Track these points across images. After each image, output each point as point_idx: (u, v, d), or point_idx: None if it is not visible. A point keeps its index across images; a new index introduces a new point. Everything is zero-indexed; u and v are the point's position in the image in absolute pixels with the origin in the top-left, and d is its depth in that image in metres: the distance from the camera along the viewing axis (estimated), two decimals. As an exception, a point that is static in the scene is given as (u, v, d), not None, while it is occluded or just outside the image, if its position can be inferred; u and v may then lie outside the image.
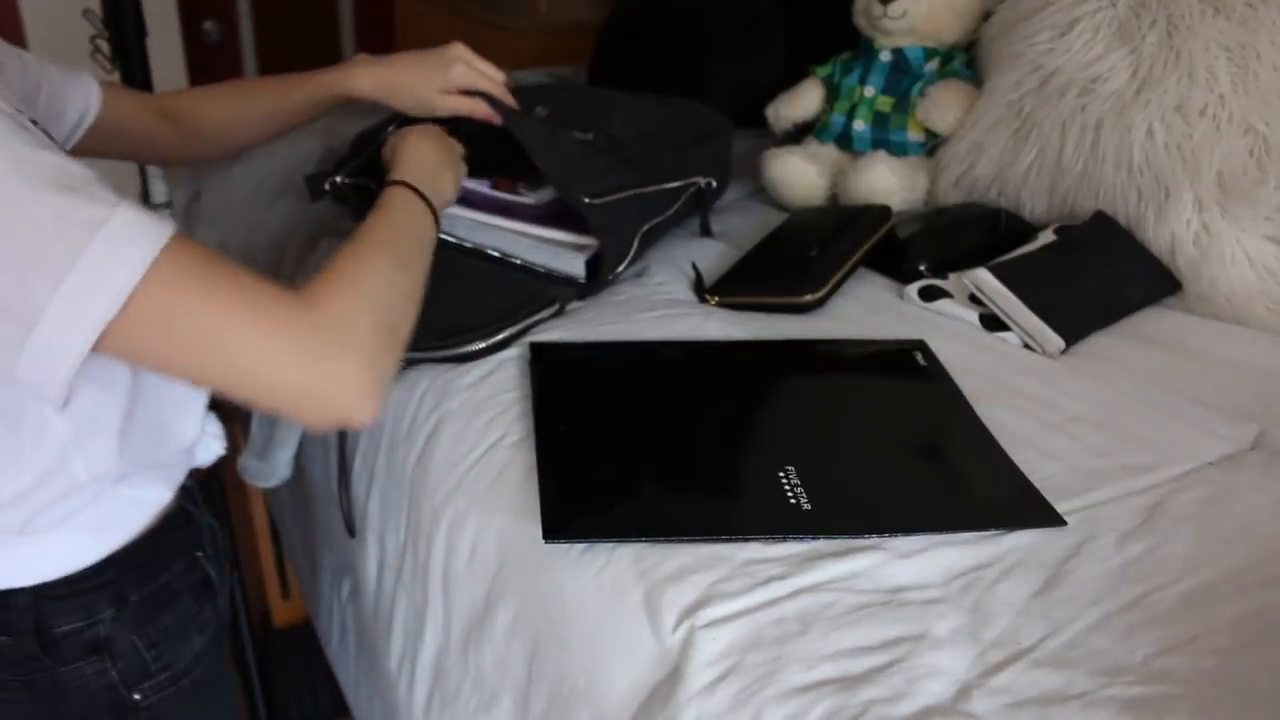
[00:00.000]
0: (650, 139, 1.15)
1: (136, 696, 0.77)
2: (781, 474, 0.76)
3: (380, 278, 0.69)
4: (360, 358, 0.62)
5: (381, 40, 2.87)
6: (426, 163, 0.91)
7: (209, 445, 0.84)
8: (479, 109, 1.03)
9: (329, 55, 2.94)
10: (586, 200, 1.01)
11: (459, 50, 1.04)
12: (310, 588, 1.28)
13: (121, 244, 0.55)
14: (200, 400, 0.80)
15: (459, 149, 1.00)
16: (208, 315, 0.58)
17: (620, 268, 1.07)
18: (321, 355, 0.60)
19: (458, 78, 1.02)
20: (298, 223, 1.33)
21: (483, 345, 0.95)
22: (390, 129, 1.06)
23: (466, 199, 1.08)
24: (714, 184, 1.18)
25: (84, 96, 0.90)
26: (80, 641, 0.74)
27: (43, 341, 0.55)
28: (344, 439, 1.00)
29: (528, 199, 1.10)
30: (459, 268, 1.04)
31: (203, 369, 0.60)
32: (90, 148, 0.91)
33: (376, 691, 1.02)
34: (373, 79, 1.03)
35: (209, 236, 1.48)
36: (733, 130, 1.29)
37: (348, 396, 0.61)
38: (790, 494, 0.74)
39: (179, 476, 0.81)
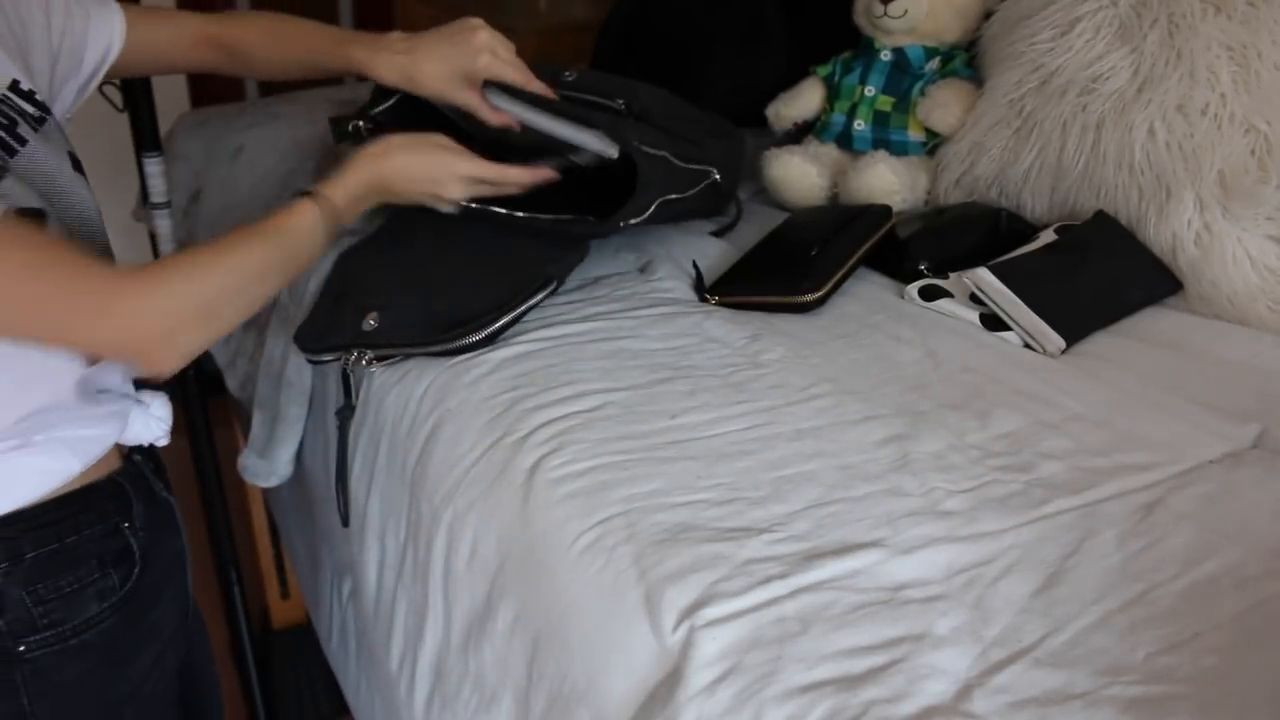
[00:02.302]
0: (675, 120, 1.14)
1: (21, 648, 0.78)
2: None
3: (222, 282, 0.78)
4: (170, 333, 0.73)
5: (381, 40, 2.86)
6: (382, 187, 0.93)
7: (149, 424, 0.85)
8: (500, 119, 1.03)
9: (329, 55, 2.94)
10: (636, 142, 1.01)
11: (484, 38, 1.02)
12: (310, 588, 1.28)
13: None
14: (66, 370, 0.80)
15: (451, 168, 0.98)
16: (18, 285, 0.66)
17: (634, 220, 1.05)
18: (123, 323, 0.71)
19: (481, 70, 1.01)
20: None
21: (480, 336, 0.95)
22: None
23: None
24: (726, 180, 1.17)
25: (107, 34, 0.91)
26: None
27: None
28: (344, 432, 1.00)
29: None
30: (463, 250, 1.04)
31: (20, 333, 0.70)
32: (126, 71, 0.97)
33: (376, 692, 1.02)
34: (396, 69, 1.02)
35: (209, 236, 1.48)
36: (746, 143, 1.29)
37: (148, 360, 0.73)
38: None
39: (95, 450, 0.81)
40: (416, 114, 1.10)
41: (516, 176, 1.00)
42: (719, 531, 0.73)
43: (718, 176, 1.15)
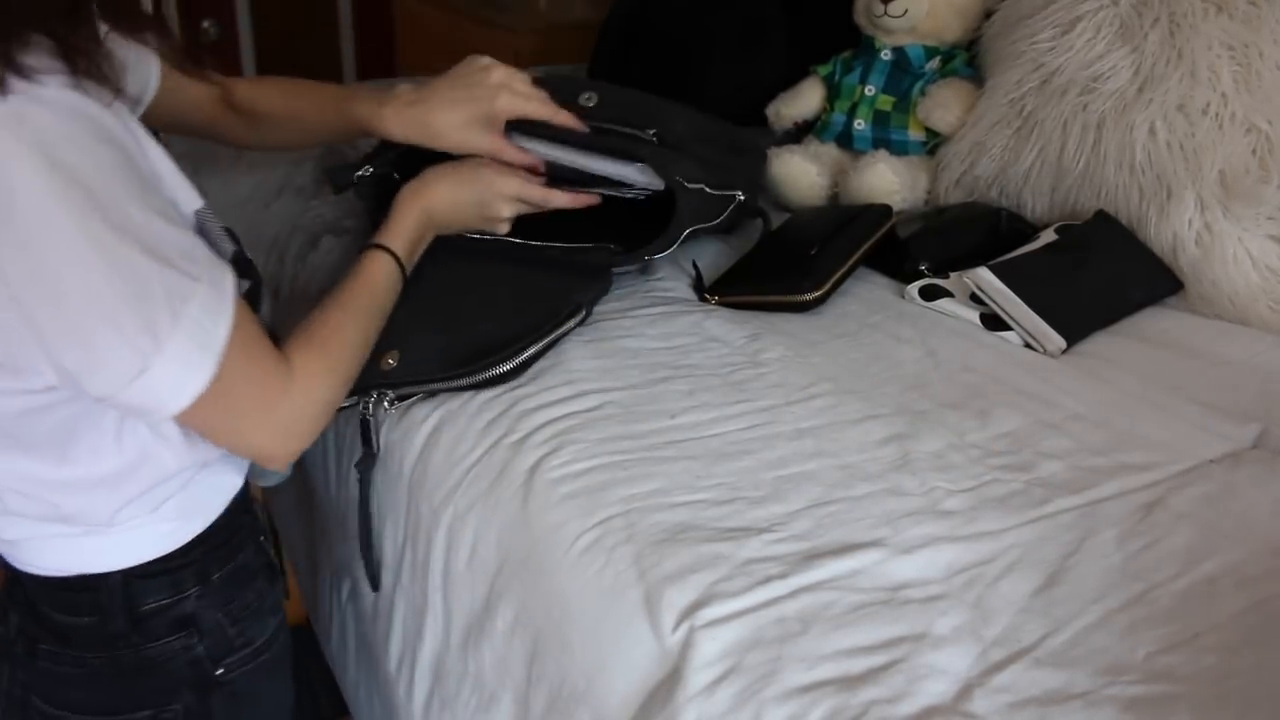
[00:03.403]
0: (707, 143, 1.11)
1: (219, 671, 0.78)
2: None
3: (349, 346, 0.79)
4: (314, 428, 0.73)
5: (381, 39, 2.86)
6: (433, 222, 0.93)
7: None
8: (526, 160, 0.97)
9: (328, 54, 2.94)
10: (679, 177, 0.99)
11: (499, 75, 0.95)
12: (309, 588, 1.28)
13: (218, 298, 0.64)
14: None
15: (496, 187, 0.95)
16: (235, 386, 0.66)
17: (659, 254, 1.02)
18: (288, 433, 0.71)
19: (503, 109, 0.94)
20: (298, 222, 1.33)
21: (510, 367, 0.91)
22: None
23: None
24: (751, 199, 1.15)
25: (144, 77, 0.86)
26: (168, 618, 0.76)
27: (158, 380, 0.62)
28: (366, 486, 0.94)
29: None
30: (478, 283, 1.00)
31: (193, 419, 0.67)
32: (153, 122, 0.88)
33: (376, 692, 1.02)
34: (405, 123, 0.94)
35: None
36: (765, 154, 1.28)
37: (277, 457, 0.73)
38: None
39: (244, 462, 0.82)
40: (423, 155, 1.04)
41: (560, 200, 0.98)
42: (719, 531, 0.73)
43: (743, 197, 1.12)
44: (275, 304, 1.27)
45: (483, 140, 0.95)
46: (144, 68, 0.85)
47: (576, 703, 0.69)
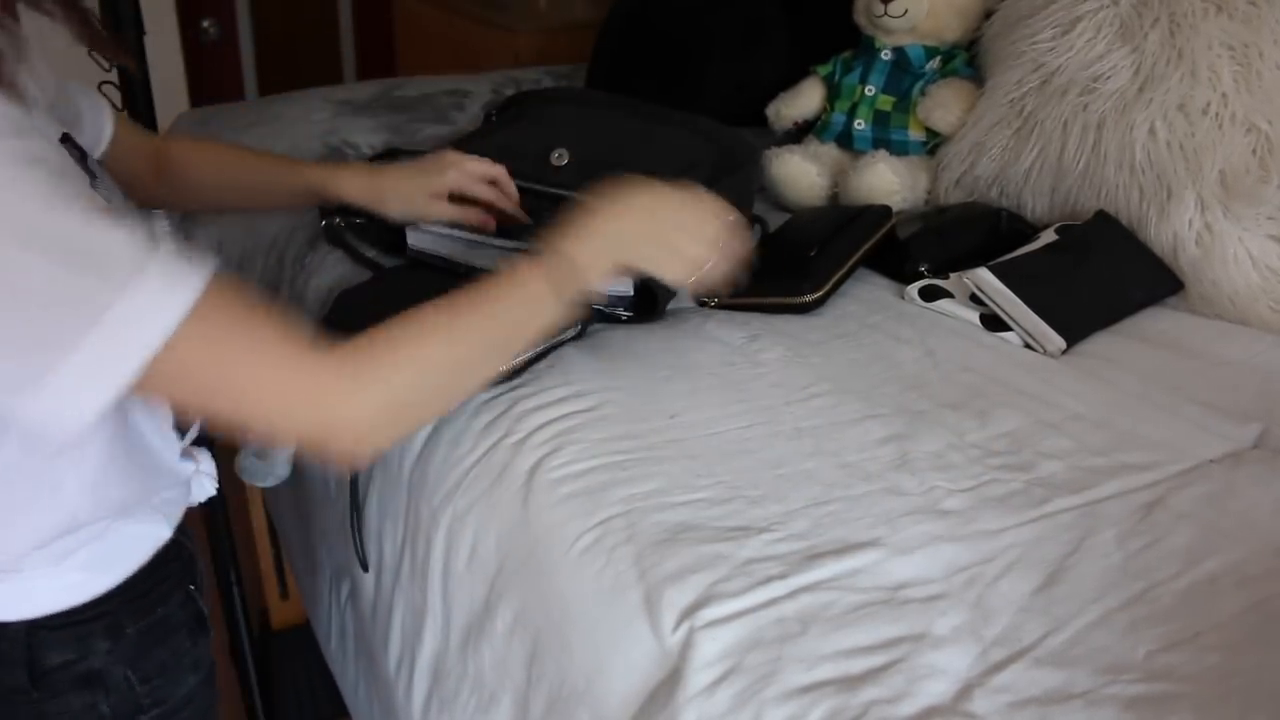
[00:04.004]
0: (687, 173, 1.11)
1: None
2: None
3: (437, 370, 0.68)
4: (381, 426, 0.65)
5: (381, 39, 2.87)
6: (615, 246, 0.77)
7: (202, 483, 0.82)
8: (470, 215, 1.00)
9: (328, 55, 2.94)
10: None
11: (453, 155, 1.01)
12: (309, 589, 1.27)
13: (148, 306, 0.55)
14: (173, 440, 0.77)
15: (705, 214, 0.82)
16: (228, 369, 0.60)
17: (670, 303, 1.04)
18: (335, 411, 0.63)
19: (449, 182, 0.99)
20: (298, 223, 1.32)
21: (505, 370, 0.91)
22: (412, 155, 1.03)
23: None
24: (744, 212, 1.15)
25: (99, 124, 0.83)
26: (72, 674, 0.71)
27: (54, 395, 0.55)
28: (355, 476, 0.95)
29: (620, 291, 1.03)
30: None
31: (215, 413, 0.62)
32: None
33: (375, 693, 1.02)
34: (358, 185, 0.99)
35: (208, 237, 1.48)
36: (759, 157, 1.27)
37: (344, 450, 0.65)
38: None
39: (177, 512, 0.78)
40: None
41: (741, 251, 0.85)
42: (719, 531, 0.73)
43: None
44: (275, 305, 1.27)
45: (430, 208, 0.99)
46: (98, 120, 0.82)
47: (576, 703, 0.69)
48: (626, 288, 1.00)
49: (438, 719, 0.85)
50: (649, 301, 1.01)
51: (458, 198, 1.00)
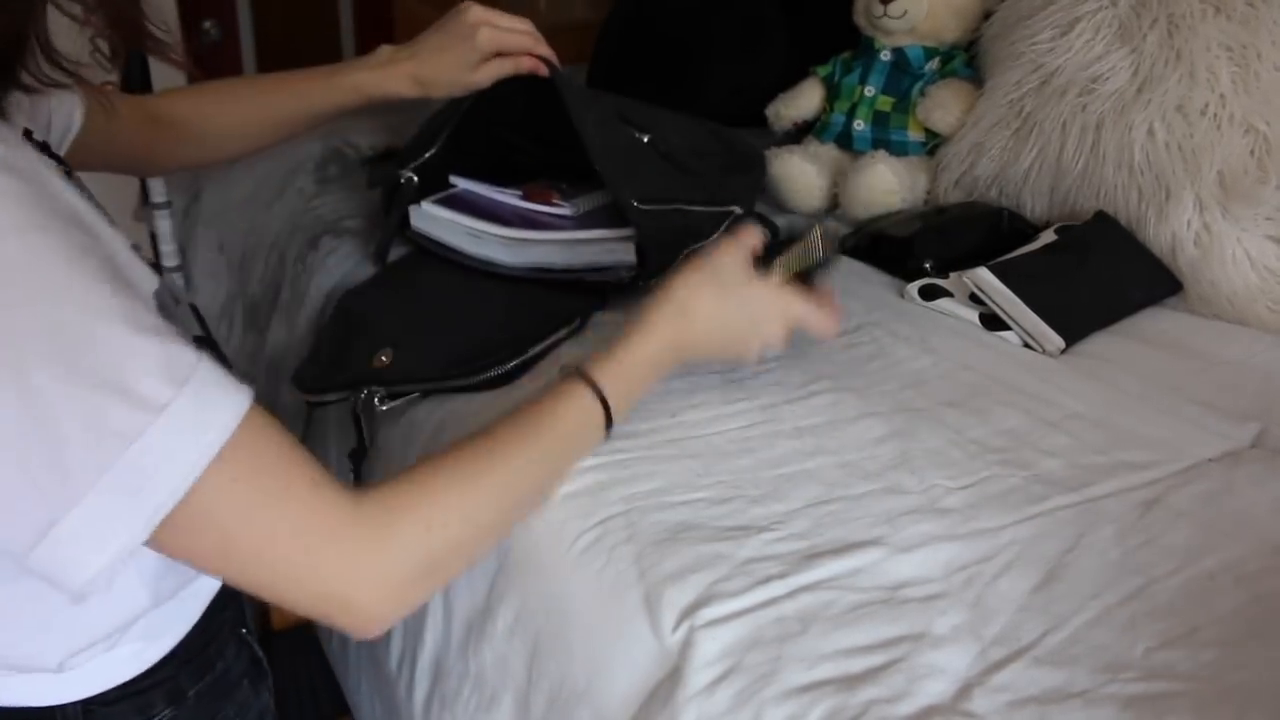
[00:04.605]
0: (702, 157, 1.10)
1: None
2: None
3: (482, 524, 0.62)
4: (394, 598, 0.58)
5: (381, 40, 2.86)
6: (680, 356, 0.73)
7: None
8: (523, 64, 0.97)
9: (329, 55, 2.93)
10: (635, 203, 0.95)
11: (476, 13, 0.96)
12: (310, 588, 1.28)
13: (176, 444, 0.48)
14: None
15: (778, 308, 0.77)
16: (252, 515, 0.52)
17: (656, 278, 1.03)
18: (356, 575, 0.56)
19: (484, 44, 0.95)
20: (298, 223, 1.33)
21: (502, 371, 0.90)
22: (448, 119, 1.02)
23: (495, 214, 1.03)
24: (746, 214, 1.15)
25: (68, 110, 0.77)
26: None
27: (67, 540, 0.48)
28: (358, 478, 0.93)
29: (564, 210, 1.04)
30: (474, 290, 1.01)
31: (227, 570, 0.55)
32: (84, 161, 0.77)
33: (377, 692, 1.02)
34: (406, 77, 0.96)
35: (209, 236, 1.48)
36: (765, 166, 1.27)
37: (360, 624, 0.58)
38: None
39: None
40: (460, 155, 1.07)
41: (831, 322, 0.81)
42: (719, 530, 0.73)
43: (738, 211, 1.12)
44: (275, 306, 1.27)
45: (477, 76, 0.96)
46: (67, 101, 0.77)
47: (577, 702, 0.69)
48: (628, 253, 1.00)
49: (439, 718, 0.86)
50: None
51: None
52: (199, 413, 0.49)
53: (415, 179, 1.05)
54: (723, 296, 0.74)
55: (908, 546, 0.71)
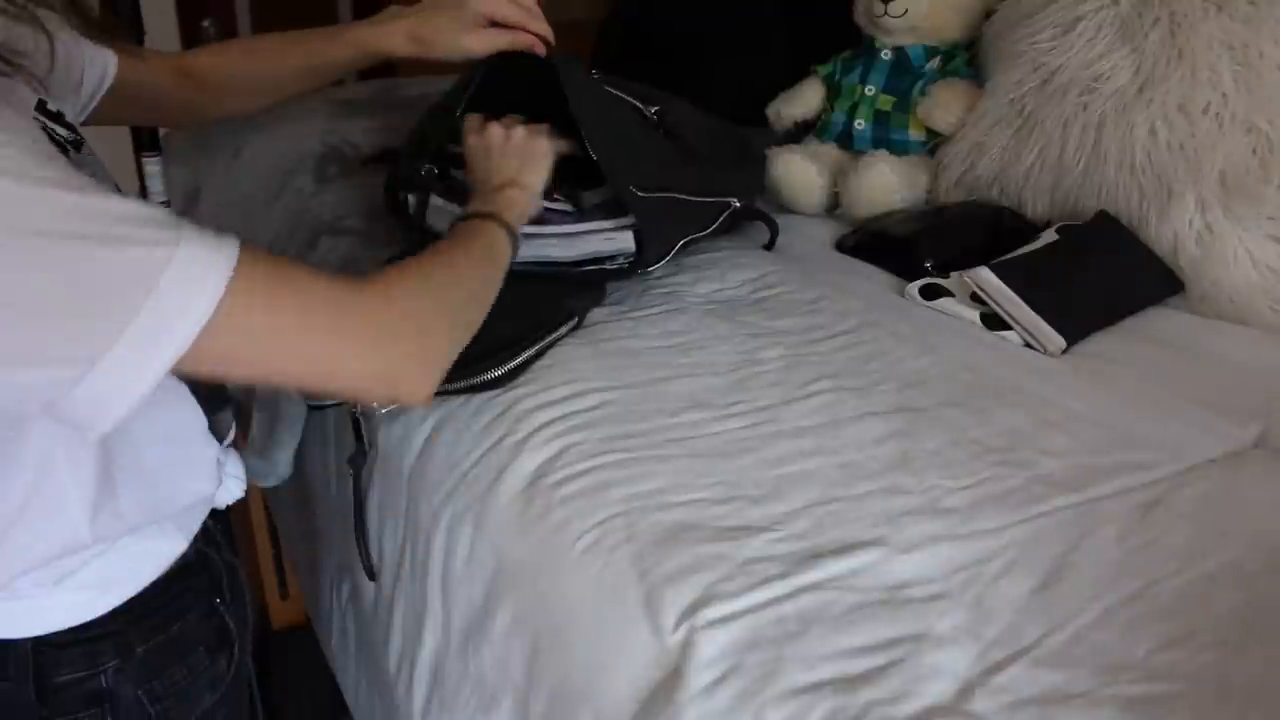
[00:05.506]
0: (715, 139, 1.11)
1: None
2: None
3: (452, 285, 0.73)
4: (424, 343, 0.67)
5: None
6: (516, 181, 0.91)
7: (229, 487, 0.80)
8: (520, 39, 0.98)
9: (329, 55, 2.93)
10: (634, 190, 0.96)
11: None
12: (309, 588, 1.28)
13: (185, 289, 0.53)
14: (211, 456, 0.76)
15: (544, 147, 0.95)
16: (280, 330, 0.59)
17: (653, 267, 1.03)
18: (389, 342, 0.64)
19: (479, 5, 0.97)
20: (297, 222, 1.33)
21: (500, 372, 0.90)
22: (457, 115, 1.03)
23: None
24: (745, 208, 1.15)
25: (101, 63, 0.85)
26: (80, 692, 0.69)
27: (99, 385, 0.53)
28: (358, 480, 0.95)
29: (564, 205, 1.04)
30: None
31: (273, 373, 0.62)
32: (107, 114, 0.87)
33: (376, 693, 1.02)
34: (403, 34, 0.98)
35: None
36: (764, 165, 1.27)
37: (409, 382, 0.66)
38: None
39: (195, 524, 0.76)
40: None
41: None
42: (719, 530, 0.73)
43: (737, 204, 1.12)
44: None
45: (472, 41, 0.98)
46: (100, 54, 0.84)
47: (577, 703, 0.69)
48: (628, 241, 1.00)
49: (438, 719, 0.85)
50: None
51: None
52: (205, 238, 0.55)
53: (435, 170, 1.06)
54: (510, 155, 0.93)
55: (908, 547, 0.71)
